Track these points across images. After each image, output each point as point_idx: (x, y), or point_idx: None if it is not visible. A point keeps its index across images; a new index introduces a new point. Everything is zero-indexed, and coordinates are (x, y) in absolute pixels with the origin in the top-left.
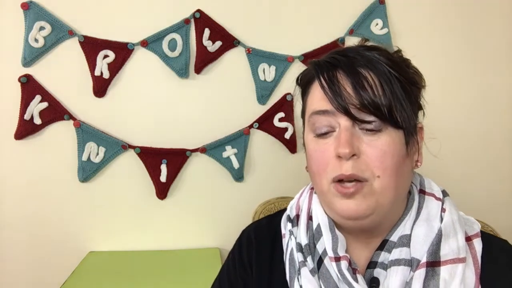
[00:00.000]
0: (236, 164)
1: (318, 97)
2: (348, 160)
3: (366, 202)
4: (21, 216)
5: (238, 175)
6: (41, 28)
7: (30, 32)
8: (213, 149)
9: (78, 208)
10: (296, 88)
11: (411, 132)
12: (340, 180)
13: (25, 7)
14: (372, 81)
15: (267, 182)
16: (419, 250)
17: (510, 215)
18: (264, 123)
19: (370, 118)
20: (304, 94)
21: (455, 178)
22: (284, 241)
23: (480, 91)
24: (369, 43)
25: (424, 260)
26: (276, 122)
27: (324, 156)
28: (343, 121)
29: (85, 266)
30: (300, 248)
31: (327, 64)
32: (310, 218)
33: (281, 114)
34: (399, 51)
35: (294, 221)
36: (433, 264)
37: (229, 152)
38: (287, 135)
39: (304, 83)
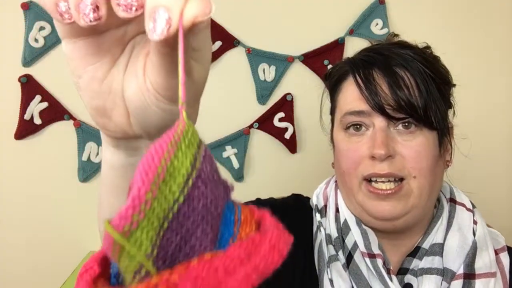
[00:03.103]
0: (236, 164)
1: (352, 97)
2: (382, 161)
3: (402, 204)
4: (21, 216)
5: (238, 175)
6: (41, 28)
7: (30, 32)
8: (213, 149)
9: (78, 208)
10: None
11: (444, 133)
12: (370, 180)
13: (25, 7)
14: (409, 81)
15: (267, 182)
16: (453, 261)
17: None
18: (264, 123)
19: (406, 118)
20: (335, 92)
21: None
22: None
23: (481, 92)
24: (398, 39)
25: (461, 271)
26: (276, 122)
27: (356, 155)
28: (378, 122)
29: None
30: (330, 240)
31: (363, 62)
32: (337, 210)
33: (281, 114)
34: (428, 47)
35: (323, 211)
36: (469, 276)
37: (229, 152)
38: (287, 135)
39: (335, 80)
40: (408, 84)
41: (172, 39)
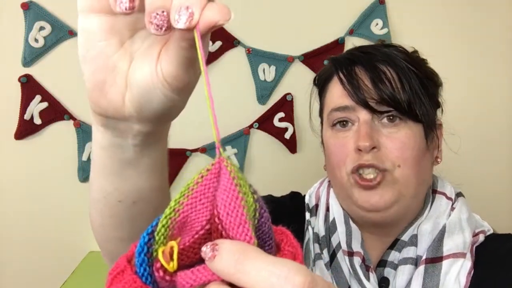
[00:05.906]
0: (236, 164)
1: (337, 94)
2: (368, 152)
3: (389, 192)
4: (21, 215)
5: None
6: (41, 28)
7: (30, 32)
8: (213, 149)
9: (78, 208)
10: (312, 88)
11: (430, 126)
12: (358, 172)
13: (25, 7)
14: (391, 75)
15: (267, 182)
16: (424, 247)
17: None
18: (264, 123)
19: (390, 111)
20: (322, 93)
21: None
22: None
23: (481, 92)
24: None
25: (424, 257)
26: (276, 122)
27: (343, 149)
28: (363, 115)
29: (85, 266)
30: (317, 239)
31: (346, 60)
32: (327, 209)
33: (281, 114)
34: (415, 51)
35: (313, 210)
36: (434, 260)
37: (229, 152)
38: (287, 135)
39: (322, 81)
40: (390, 78)
41: (192, 35)
